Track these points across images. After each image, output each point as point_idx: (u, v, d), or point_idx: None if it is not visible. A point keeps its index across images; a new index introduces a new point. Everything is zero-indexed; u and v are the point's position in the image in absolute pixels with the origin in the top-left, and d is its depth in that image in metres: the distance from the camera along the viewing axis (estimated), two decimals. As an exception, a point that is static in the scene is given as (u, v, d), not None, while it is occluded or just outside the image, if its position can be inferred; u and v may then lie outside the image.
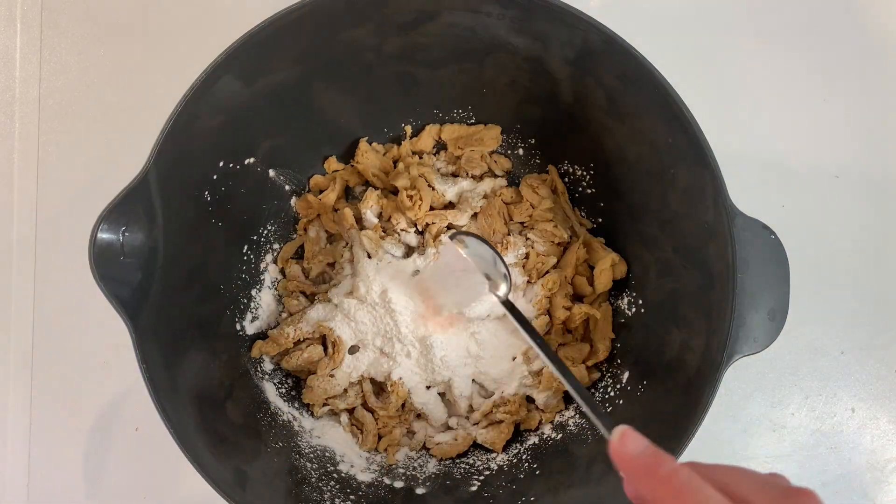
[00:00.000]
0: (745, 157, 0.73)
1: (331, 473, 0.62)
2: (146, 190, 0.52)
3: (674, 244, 0.59)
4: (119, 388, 0.72)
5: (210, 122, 0.56)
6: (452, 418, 0.68)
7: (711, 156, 0.52)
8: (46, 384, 0.73)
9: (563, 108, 0.63)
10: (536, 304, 0.66)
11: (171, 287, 0.55)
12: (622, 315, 0.66)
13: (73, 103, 0.75)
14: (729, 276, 0.52)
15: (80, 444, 0.72)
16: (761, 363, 0.71)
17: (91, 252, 0.49)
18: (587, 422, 0.64)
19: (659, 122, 0.55)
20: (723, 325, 0.52)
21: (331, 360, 0.65)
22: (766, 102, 0.74)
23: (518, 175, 0.71)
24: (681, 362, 0.56)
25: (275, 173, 0.67)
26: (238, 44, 0.53)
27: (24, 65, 0.76)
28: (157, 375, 0.52)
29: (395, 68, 0.63)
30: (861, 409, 0.72)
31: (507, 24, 0.56)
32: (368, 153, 0.69)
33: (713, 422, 0.70)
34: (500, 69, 0.62)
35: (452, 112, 0.69)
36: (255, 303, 0.67)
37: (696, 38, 0.75)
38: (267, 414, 0.64)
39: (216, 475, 0.53)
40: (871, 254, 0.73)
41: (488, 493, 0.62)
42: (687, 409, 0.52)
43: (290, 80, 0.60)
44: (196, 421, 0.55)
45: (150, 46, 0.75)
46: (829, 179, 0.74)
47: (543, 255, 0.67)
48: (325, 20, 0.56)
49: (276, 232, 0.69)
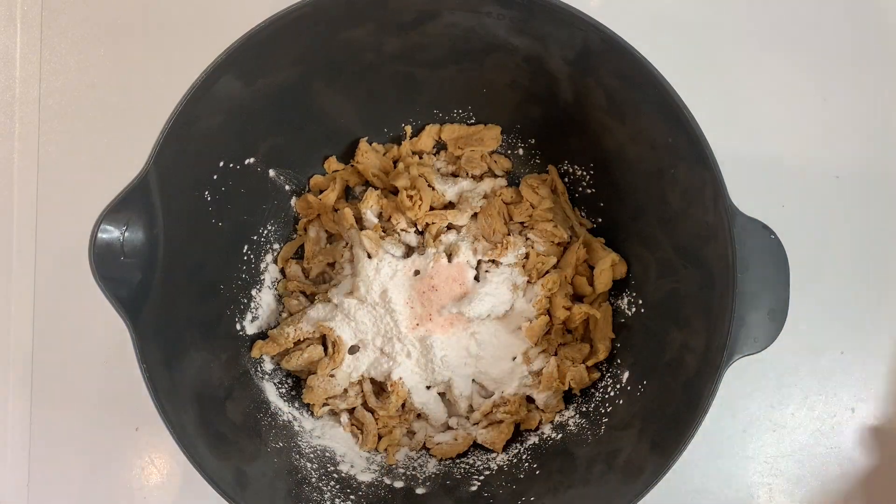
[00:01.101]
0: (745, 157, 0.73)
1: (331, 473, 0.62)
2: (146, 190, 0.52)
3: (674, 244, 0.59)
4: (119, 388, 0.72)
5: (210, 122, 0.56)
6: (452, 418, 0.68)
7: (711, 156, 0.52)
8: (46, 384, 0.73)
9: (563, 108, 0.63)
10: (536, 304, 0.66)
11: (171, 287, 0.55)
12: (622, 315, 0.66)
13: (73, 103, 0.75)
14: (729, 276, 0.52)
15: (80, 444, 0.72)
16: (761, 363, 0.71)
17: (91, 252, 0.49)
18: (587, 422, 0.64)
19: (659, 122, 0.55)
20: (723, 325, 0.52)
21: (331, 360, 0.65)
22: (766, 102, 0.74)
23: (518, 175, 0.71)
24: (681, 362, 0.56)
25: (275, 173, 0.67)
26: (238, 44, 0.53)
27: (24, 65, 0.76)
28: (157, 375, 0.52)
29: (395, 68, 0.63)
30: (861, 409, 0.72)
31: (507, 24, 0.56)
32: (368, 153, 0.69)
33: (713, 422, 0.71)
34: (500, 69, 0.62)
35: (452, 112, 0.69)
36: (255, 303, 0.67)
37: (696, 37, 0.75)
38: (267, 414, 0.64)
39: (216, 475, 0.53)
40: (871, 254, 0.73)
41: (488, 493, 0.62)
42: (687, 409, 0.52)
43: (290, 80, 0.60)
44: (196, 421, 0.55)
45: (150, 46, 0.75)
46: (829, 179, 0.74)
47: (543, 255, 0.67)
48: (325, 20, 0.56)
49: (276, 232, 0.69)
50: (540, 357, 0.67)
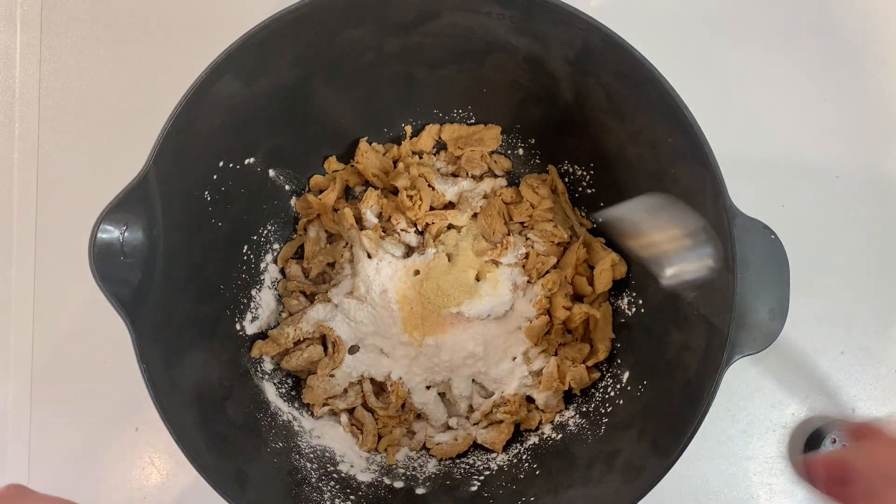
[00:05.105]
0: (745, 157, 0.73)
1: (331, 473, 0.62)
2: (146, 190, 0.51)
3: (674, 244, 0.59)
4: (119, 388, 0.72)
5: (210, 122, 0.56)
6: (452, 418, 0.68)
7: (711, 156, 0.52)
8: (46, 384, 0.73)
9: (563, 108, 0.63)
10: (536, 304, 0.66)
11: (171, 287, 0.55)
12: (622, 315, 0.66)
13: (73, 103, 0.75)
14: (729, 276, 0.52)
15: (80, 444, 0.72)
16: (761, 363, 0.71)
17: (91, 252, 0.49)
18: (587, 422, 0.64)
19: (659, 121, 0.55)
20: (723, 325, 0.52)
21: (331, 360, 0.65)
22: (766, 102, 0.74)
23: (518, 175, 0.71)
24: (681, 362, 0.56)
25: (275, 173, 0.67)
26: (238, 44, 0.53)
27: (24, 65, 0.76)
28: (157, 375, 0.52)
29: (395, 68, 0.63)
30: (861, 409, 0.72)
31: (508, 24, 0.56)
32: (368, 153, 0.69)
33: (713, 422, 0.71)
34: (500, 69, 0.62)
35: (452, 112, 0.69)
36: (255, 303, 0.67)
37: (696, 37, 0.75)
38: (267, 414, 0.64)
39: (216, 475, 0.52)
40: (870, 254, 0.73)
41: (488, 493, 0.62)
42: (687, 409, 0.52)
43: (290, 80, 0.60)
44: (196, 421, 0.55)
45: (150, 46, 0.75)
46: (829, 179, 0.74)
47: (543, 255, 0.67)
48: (325, 20, 0.56)
49: (276, 232, 0.69)
50: (540, 357, 0.67)
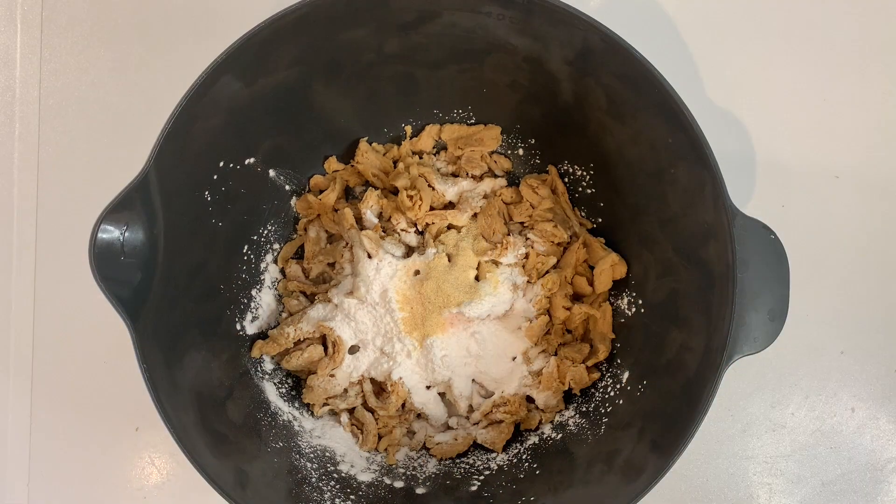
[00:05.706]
0: (745, 157, 0.73)
1: (331, 473, 0.62)
2: (146, 190, 0.52)
3: (674, 244, 0.59)
4: (119, 388, 0.72)
5: (210, 122, 0.56)
6: (452, 418, 0.68)
7: (711, 156, 0.52)
8: (46, 384, 0.73)
9: (563, 108, 0.63)
10: (536, 304, 0.66)
11: (171, 287, 0.55)
12: (622, 315, 0.66)
13: (73, 103, 0.75)
14: (729, 276, 0.52)
15: (80, 444, 0.72)
16: (761, 363, 0.71)
17: (91, 252, 0.49)
18: (587, 421, 0.64)
19: (659, 122, 0.55)
20: (723, 325, 0.52)
21: (331, 360, 0.65)
22: (766, 102, 0.74)
23: (518, 175, 0.71)
24: (681, 362, 0.56)
25: (275, 173, 0.67)
26: (238, 44, 0.53)
27: (24, 65, 0.76)
28: (157, 375, 0.52)
29: (395, 68, 0.63)
30: (861, 409, 0.72)
31: (507, 24, 0.56)
32: (368, 153, 0.69)
33: (713, 422, 0.71)
34: (500, 69, 0.62)
35: (452, 112, 0.69)
36: (255, 303, 0.67)
37: (696, 38, 0.75)
38: (267, 414, 0.64)
39: (216, 475, 0.53)
40: (870, 254, 0.73)
41: (488, 493, 0.62)
42: (687, 409, 0.52)
43: (290, 80, 0.60)
44: (196, 421, 0.55)
45: (150, 46, 0.75)
46: (829, 179, 0.74)
47: (543, 255, 0.67)
48: (325, 20, 0.56)
49: (276, 232, 0.69)
50: (540, 357, 0.67)
